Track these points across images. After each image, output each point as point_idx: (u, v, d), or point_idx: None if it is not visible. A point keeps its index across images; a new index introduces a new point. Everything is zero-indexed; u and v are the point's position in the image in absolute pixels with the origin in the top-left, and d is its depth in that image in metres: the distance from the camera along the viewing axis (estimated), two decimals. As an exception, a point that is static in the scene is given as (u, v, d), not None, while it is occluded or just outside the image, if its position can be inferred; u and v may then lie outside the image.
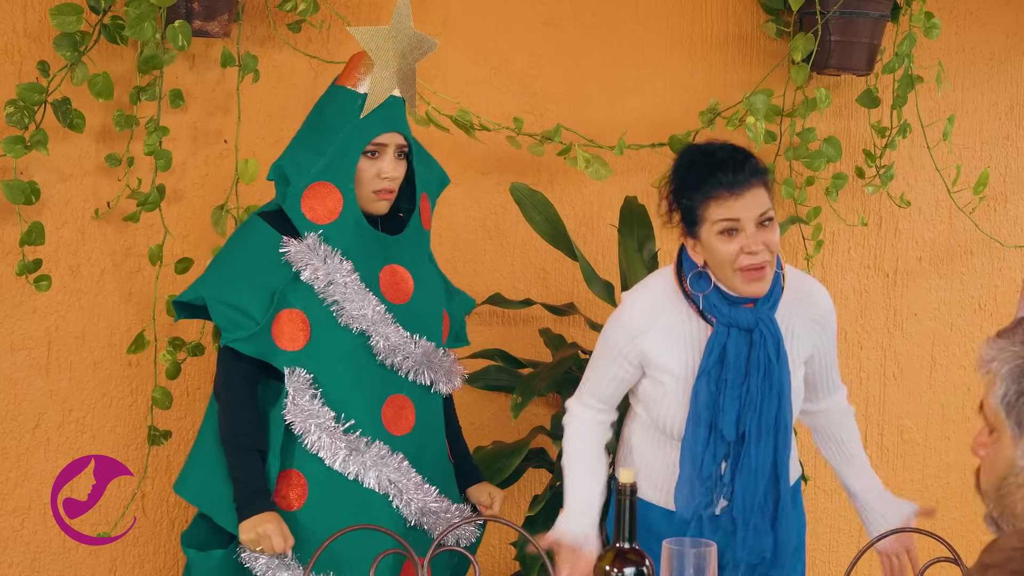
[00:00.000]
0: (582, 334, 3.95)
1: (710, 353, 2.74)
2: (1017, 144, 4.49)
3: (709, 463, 2.77)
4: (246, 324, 2.90)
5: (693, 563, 2.21)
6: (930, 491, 4.48)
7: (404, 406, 2.98)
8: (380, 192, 2.96)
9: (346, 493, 2.91)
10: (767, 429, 2.76)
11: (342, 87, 2.98)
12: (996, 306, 4.50)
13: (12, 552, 3.54)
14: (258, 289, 2.91)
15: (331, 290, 2.91)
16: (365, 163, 2.95)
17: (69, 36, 3.31)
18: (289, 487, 2.93)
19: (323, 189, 2.93)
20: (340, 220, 2.94)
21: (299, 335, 2.92)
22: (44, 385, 3.54)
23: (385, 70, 2.96)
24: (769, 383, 2.75)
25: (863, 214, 4.30)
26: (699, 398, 2.75)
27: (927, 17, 4.01)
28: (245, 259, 2.95)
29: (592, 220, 4.04)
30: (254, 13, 3.61)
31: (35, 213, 3.45)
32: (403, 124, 2.99)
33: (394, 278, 2.99)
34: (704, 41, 4.12)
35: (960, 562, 2.62)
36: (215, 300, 2.93)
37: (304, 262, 2.91)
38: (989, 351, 1.72)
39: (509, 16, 3.91)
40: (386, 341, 2.93)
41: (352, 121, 2.94)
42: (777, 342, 2.75)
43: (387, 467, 2.92)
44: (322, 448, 2.90)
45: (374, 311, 2.92)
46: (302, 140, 3.01)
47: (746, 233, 2.68)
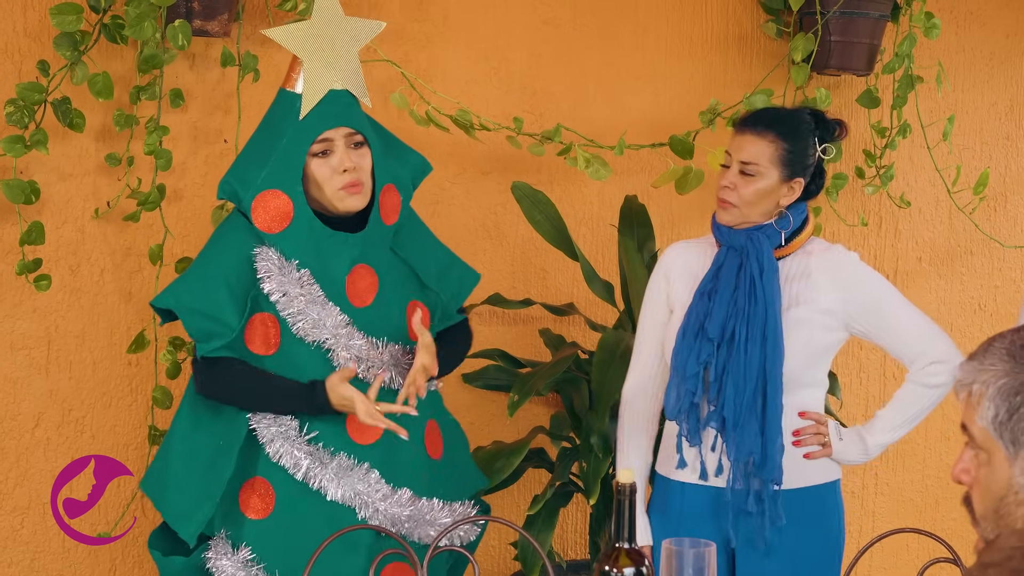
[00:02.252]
0: (582, 334, 3.96)
1: (708, 272, 2.98)
2: (1017, 144, 4.49)
3: (693, 364, 2.93)
4: (222, 332, 2.83)
5: (692, 563, 2.21)
6: (929, 491, 4.49)
7: None
8: (346, 187, 2.85)
9: (313, 504, 2.86)
10: (755, 337, 2.91)
11: (283, 89, 2.89)
12: (996, 306, 4.50)
13: (12, 551, 3.54)
14: (235, 293, 2.84)
15: (286, 302, 2.83)
16: (317, 164, 2.85)
17: (69, 35, 3.31)
18: (255, 495, 2.88)
19: (271, 197, 2.84)
20: (292, 226, 2.84)
21: (270, 340, 2.87)
22: (44, 385, 3.54)
23: (318, 66, 2.85)
24: (754, 295, 2.93)
25: (863, 214, 4.30)
26: (693, 310, 2.96)
27: (927, 17, 4.02)
28: (223, 261, 2.87)
29: (592, 220, 4.04)
30: (254, 12, 3.61)
31: (35, 212, 3.46)
32: (347, 116, 2.87)
33: (361, 279, 2.90)
34: (704, 41, 4.12)
35: (959, 562, 2.62)
36: (187, 310, 2.85)
37: (266, 273, 2.83)
38: (964, 375, 1.70)
39: (509, 16, 3.91)
40: (348, 352, 2.85)
41: (292, 123, 2.85)
42: (761, 260, 2.95)
43: (350, 479, 2.86)
44: (284, 457, 2.85)
45: (335, 321, 2.84)
46: (247, 151, 2.92)
47: (731, 171, 2.94)
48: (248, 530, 2.88)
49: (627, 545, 2.19)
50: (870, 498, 4.43)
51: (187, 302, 2.87)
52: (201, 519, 2.86)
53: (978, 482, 1.69)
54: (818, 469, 2.99)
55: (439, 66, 3.82)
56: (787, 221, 2.97)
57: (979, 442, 1.68)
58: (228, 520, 2.89)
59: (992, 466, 1.67)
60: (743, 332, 2.92)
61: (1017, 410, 1.64)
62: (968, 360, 1.70)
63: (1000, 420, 1.65)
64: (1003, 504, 1.66)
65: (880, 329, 2.98)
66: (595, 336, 3.90)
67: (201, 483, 2.88)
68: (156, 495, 2.96)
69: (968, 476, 1.70)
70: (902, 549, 4.39)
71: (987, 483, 1.68)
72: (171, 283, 2.95)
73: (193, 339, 2.88)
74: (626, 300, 3.70)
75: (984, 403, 1.66)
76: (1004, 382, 1.65)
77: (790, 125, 2.95)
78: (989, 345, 1.69)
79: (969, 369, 1.69)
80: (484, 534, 3.88)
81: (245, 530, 2.88)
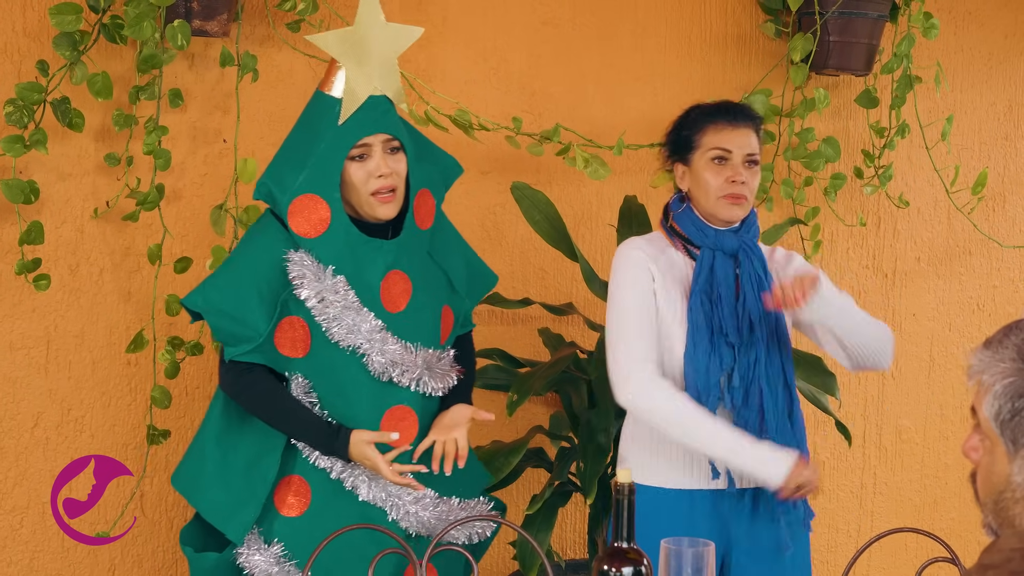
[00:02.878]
0: (581, 334, 3.96)
1: (699, 275, 2.91)
2: (1015, 144, 4.50)
3: (716, 370, 2.87)
4: (249, 336, 2.85)
5: (691, 563, 2.21)
6: (928, 491, 4.49)
7: (405, 417, 2.93)
8: (379, 194, 2.86)
9: (347, 503, 2.90)
10: (772, 338, 2.92)
11: (321, 93, 2.89)
12: (994, 306, 4.51)
13: (11, 551, 3.54)
14: (264, 297, 2.86)
15: (321, 308, 2.84)
16: (354, 168, 2.85)
17: (68, 35, 3.31)
18: (292, 493, 2.92)
19: (308, 202, 2.84)
20: (329, 232, 2.85)
21: (299, 343, 2.88)
22: (43, 384, 3.54)
23: (358, 71, 2.86)
24: (763, 297, 2.90)
25: (862, 214, 4.30)
26: (695, 313, 2.89)
27: (926, 17, 4.02)
28: (254, 263, 2.89)
29: (591, 220, 4.05)
30: (253, 12, 3.61)
31: (34, 212, 3.46)
32: (385, 122, 2.88)
33: (395, 285, 2.91)
34: (703, 41, 4.12)
35: (958, 562, 2.62)
36: (215, 312, 2.86)
37: (299, 278, 2.84)
38: (977, 362, 1.71)
39: (508, 16, 3.91)
40: (382, 357, 2.86)
41: (331, 128, 2.85)
42: (763, 262, 2.95)
43: (381, 480, 2.90)
44: (320, 459, 2.90)
45: (370, 326, 2.85)
46: (285, 153, 2.92)
47: (733, 165, 2.92)
48: (282, 526, 2.92)
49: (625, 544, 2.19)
50: (868, 498, 4.43)
51: (216, 304, 2.88)
52: (247, 519, 2.90)
53: (981, 467, 1.71)
54: None
55: (438, 66, 3.82)
56: (754, 214, 3.01)
57: (984, 430, 1.70)
58: (262, 516, 2.93)
59: (994, 456, 1.69)
60: (761, 334, 2.91)
61: (1020, 412, 1.65)
62: (984, 347, 1.71)
63: (1003, 418, 1.66)
64: (1001, 498, 1.67)
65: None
66: (594, 336, 3.90)
67: (244, 483, 2.91)
68: (191, 493, 2.98)
69: (976, 454, 1.73)
70: (900, 549, 4.39)
71: (988, 472, 1.70)
72: (202, 282, 2.95)
73: (220, 342, 2.89)
74: (625, 300, 3.70)
75: (989, 397, 1.67)
76: (1011, 381, 1.66)
77: (759, 117, 3.03)
78: (1005, 336, 1.70)
79: (982, 357, 1.70)
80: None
81: (278, 526, 2.92)
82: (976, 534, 4.42)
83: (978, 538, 4.39)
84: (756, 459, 2.82)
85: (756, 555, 2.95)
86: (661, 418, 2.87)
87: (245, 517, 2.90)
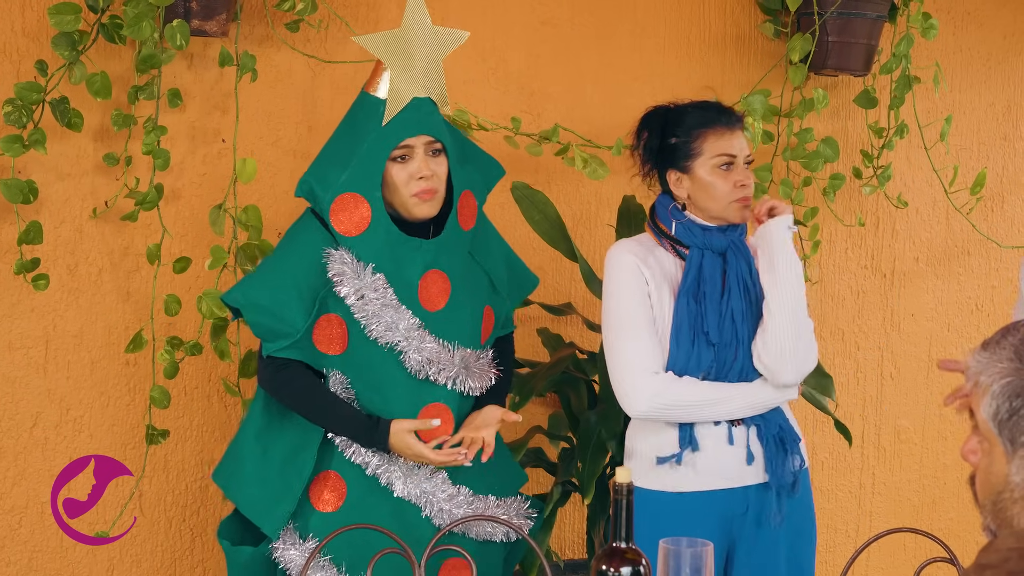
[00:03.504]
0: (580, 334, 3.96)
1: (687, 275, 2.94)
2: (1014, 145, 4.50)
3: (694, 371, 2.93)
4: (287, 332, 2.88)
5: (690, 563, 2.21)
6: (927, 491, 4.49)
7: (441, 415, 2.96)
8: (420, 194, 2.89)
9: (382, 499, 2.93)
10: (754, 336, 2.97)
11: (366, 93, 2.93)
12: (993, 307, 4.50)
13: (10, 551, 3.54)
14: (303, 294, 2.89)
15: (360, 305, 2.88)
16: (396, 169, 2.90)
17: (67, 35, 3.31)
18: (327, 489, 2.95)
19: (350, 200, 2.89)
20: (370, 231, 2.89)
21: (336, 341, 2.92)
22: (42, 384, 3.54)
23: (403, 73, 2.90)
24: (749, 299, 2.96)
25: (860, 215, 4.30)
26: (680, 313, 2.93)
27: (925, 18, 4.02)
28: (291, 259, 2.93)
29: (589, 220, 4.05)
30: (252, 12, 3.61)
31: (33, 212, 3.46)
32: (428, 124, 2.92)
33: (434, 284, 2.94)
34: (702, 41, 4.12)
35: (956, 562, 2.62)
36: (254, 308, 2.90)
37: (338, 276, 2.88)
38: (975, 363, 1.71)
39: (507, 16, 3.91)
40: (419, 355, 2.90)
41: (375, 128, 2.89)
42: (749, 262, 2.98)
43: (417, 477, 2.93)
44: (357, 455, 2.92)
45: (408, 324, 2.89)
46: (329, 152, 2.96)
47: (738, 168, 2.96)
48: (317, 521, 2.94)
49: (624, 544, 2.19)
50: (867, 498, 4.43)
51: (255, 300, 2.92)
52: (283, 514, 2.94)
53: (980, 468, 1.72)
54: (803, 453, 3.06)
55: (437, 66, 3.82)
56: None
57: (982, 431, 1.70)
58: (297, 511, 2.96)
59: (992, 457, 1.69)
60: (744, 333, 2.94)
61: (1017, 411, 1.65)
62: (981, 348, 1.72)
63: (1001, 418, 1.66)
64: (1000, 499, 1.68)
65: None
66: (593, 336, 3.90)
67: (280, 479, 2.95)
68: (229, 488, 3.02)
69: (975, 456, 1.73)
70: (899, 549, 4.39)
71: (987, 473, 1.70)
72: (241, 280, 3.00)
73: (258, 337, 2.93)
74: (624, 300, 3.70)
75: (987, 397, 1.68)
76: (1008, 381, 1.67)
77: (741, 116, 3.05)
78: (1003, 337, 1.71)
79: (980, 359, 1.71)
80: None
81: (313, 521, 2.95)
82: (975, 534, 4.42)
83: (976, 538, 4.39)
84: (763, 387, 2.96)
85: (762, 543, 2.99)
86: (679, 415, 2.94)
87: (281, 512, 2.94)
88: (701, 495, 2.96)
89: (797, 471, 2.99)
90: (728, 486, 2.96)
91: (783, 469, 2.95)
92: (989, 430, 1.69)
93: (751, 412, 2.97)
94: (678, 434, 2.95)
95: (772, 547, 2.99)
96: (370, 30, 3.72)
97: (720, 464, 2.95)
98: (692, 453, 2.94)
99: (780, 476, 2.95)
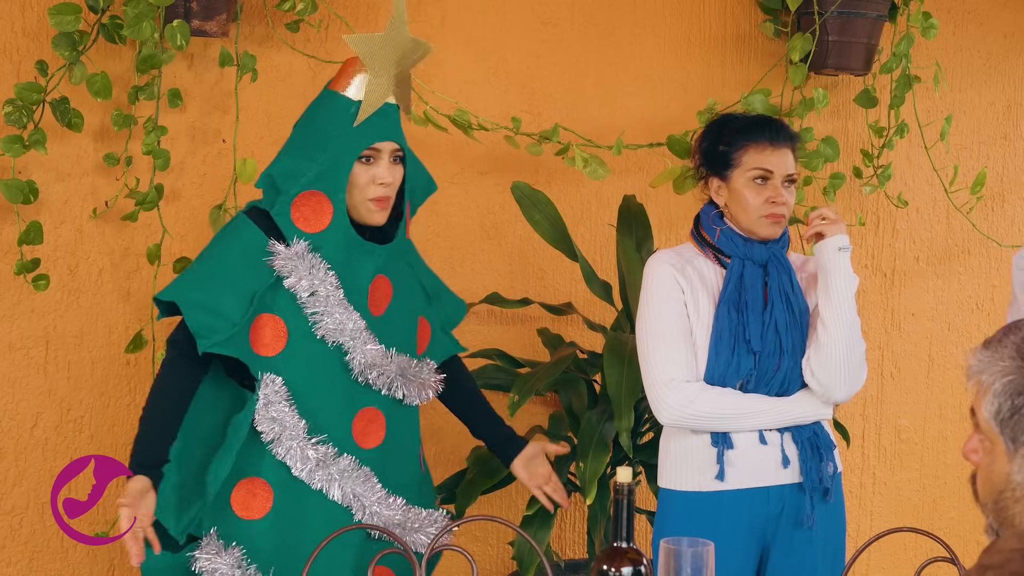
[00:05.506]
0: (580, 334, 3.96)
1: (727, 284, 2.97)
2: (1014, 144, 4.50)
3: (732, 377, 2.95)
4: (222, 327, 2.83)
5: (690, 563, 2.21)
6: (927, 491, 4.49)
7: (374, 419, 2.94)
8: (376, 200, 2.89)
9: (310, 504, 2.87)
10: (800, 349, 2.99)
11: (335, 92, 2.90)
12: (993, 306, 4.50)
13: (10, 551, 3.54)
14: (238, 290, 2.85)
15: (312, 301, 2.86)
16: (359, 169, 2.88)
17: (67, 35, 3.31)
18: (252, 495, 2.88)
19: (313, 198, 2.88)
20: (329, 230, 2.88)
21: (276, 341, 2.87)
22: (42, 384, 3.54)
23: (380, 77, 2.90)
24: (791, 311, 2.99)
25: (861, 214, 4.30)
26: (721, 321, 2.95)
27: (925, 17, 4.02)
28: (228, 259, 2.89)
29: (590, 220, 4.04)
30: (252, 13, 3.61)
31: (33, 212, 3.46)
32: (397, 132, 2.93)
33: (379, 289, 2.95)
34: (702, 41, 4.12)
35: (957, 562, 2.62)
36: (189, 304, 2.84)
37: (289, 269, 2.85)
38: (976, 362, 1.71)
39: (507, 16, 3.91)
40: (363, 358, 2.89)
41: (346, 129, 2.88)
42: (790, 273, 3.01)
43: (352, 480, 2.88)
44: (291, 457, 2.85)
45: (355, 325, 2.88)
46: (293, 146, 2.94)
47: (774, 185, 2.97)
48: (241, 529, 2.87)
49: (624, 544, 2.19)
50: (868, 497, 4.43)
51: (188, 296, 2.87)
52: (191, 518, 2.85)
53: (981, 467, 1.72)
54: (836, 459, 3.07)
55: (437, 66, 3.82)
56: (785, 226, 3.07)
57: (984, 430, 1.70)
58: (219, 519, 2.88)
59: (994, 456, 1.69)
60: (787, 344, 2.97)
61: (1019, 410, 1.65)
62: (983, 347, 1.72)
63: (1003, 417, 1.66)
64: (1001, 498, 1.68)
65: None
66: (593, 335, 3.90)
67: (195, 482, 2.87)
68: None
69: (976, 456, 1.73)
70: (900, 548, 4.39)
71: (988, 472, 1.70)
72: (175, 278, 2.94)
73: (194, 333, 2.85)
74: (624, 300, 3.70)
75: (989, 395, 1.68)
76: (1010, 379, 1.67)
77: (797, 135, 3.07)
78: (1004, 336, 1.71)
79: (981, 358, 1.71)
80: (483, 534, 3.90)
81: (238, 529, 2.87)
82: (976, 534, 4.43)
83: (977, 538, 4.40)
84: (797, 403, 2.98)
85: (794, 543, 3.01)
86: (707, 425, 2.96)
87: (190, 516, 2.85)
88: (734, 494, 2.97)
89: (832, 476, 3.00)
90: (761, 485, 2.97)
91: (817, 471, 2.97)
92: (990, 429, 1.69)
93: (780, 426, 2.98)
94: (711, 435, 2.97)
95: (808, 550, 2.99)
96: (370, 30, 3.72)
97: (753, 464, 2.96)
98: (726, 452, 2.96)
99: (813, 477, 2.96)
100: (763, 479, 2.97)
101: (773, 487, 2.98)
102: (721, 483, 2.97)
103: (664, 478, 3.04)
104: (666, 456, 3.05)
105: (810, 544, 2.99)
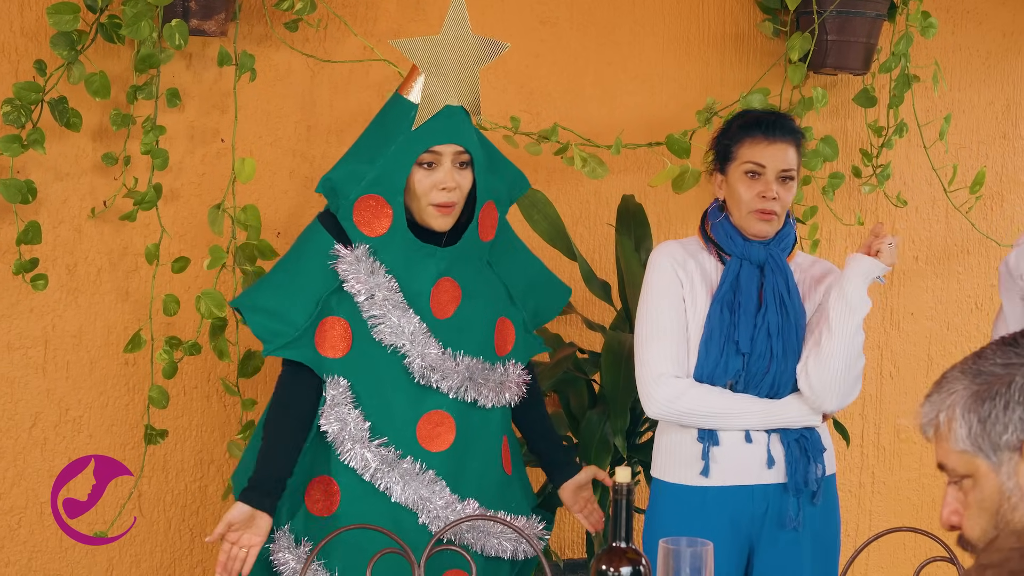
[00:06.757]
0: (580, 334, 3.95)
1: (723, 283, 2.97)
2: (1013, 143, 4.50)
3: (720, 376, 2.96)
4: (284, 331, 2.88)
5: (690, 562, 2.21)
6: (927, 490, 4.49)
7: (442, 422, 2.94)
8: (439, 207, 2.88)
9: (377, 505, 2.90)
10: (790, 350, 2.98)
11: (399, 96, 2.92)
12: (992, 305, 4.50)
13: (9, 551, 3.53)
14: (304, 294, 2.89)
15: (370, 305, 2.88)
16: (421, 174, 2.88)
17: (66, 35, 3.31)
18: (322, 493, 2.94)
19: (372, 202, 2.88)
20: (389, 234, 2.88)
21: (340, 343, 2.91)
22: (41, 384, 3.53)
23: (438, 80, 2.89)
24: (785, 313, 2.98)
25: (860, 213, 4.30)
26: (712, 320, 2.96)
27: (924, 16, 4.02)
28: (296, 263, 2.94)
29: (589, 219, 4.04)
30: (251, 12, 3.61)
31: (32, 212, 3.45)
32: (459, 134, 2.89)
33: (445, 292, 2.94)
34: (701, 40, 4.12)
35: (956, 561, 2.62)
36: (251, 310, 2.91)
37: (349, 273, 2.88)
38: (926, 411, 1.70)
39: (506, 15, 3.91)
40: (422, 360, 2.89)
41: (405, 131, 2.88)
42: (786, 276, 3.00)
43: (416, 483, 2.90)
44: (354, 459, 2.90)
45: (414, 328, 2.88)
46: (357, 150, 2.96)
47: (765, 180, 2.96)
48: (311, 526, 2.94)
49: (623, 544, 2.19)
50: (867, 497, 4.43)
51: (253, 301, 2.93)
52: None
53: (970, 510, 1.68)
54: (828, 462, 3.06)
55: (436, 65, 3.82)
56: (790, 226, 3.06)
57: (960, 471, 1.67)
58: (294, 515, 2.95)
59: (980, 486, 1.66)
60: (778, 347, 2.96)
61: (988, 415, 1.64)
62: (926, 399, 1.71)
63: (975, 433, 1.65)
64: (1000, 515, 1.66)
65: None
66: (592, 335, 3.90)
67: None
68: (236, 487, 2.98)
69: (958, 516, 1.70)
70: (899, 548, 4.39)
71: (979, 505, 1.67)
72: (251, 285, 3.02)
73: (259, 339, 2.93)
74: (623, 299, 3.70)
75: (954, 427, 1.66)
76: (967, 396, 1.66)
77: (799, 131, 3.06)
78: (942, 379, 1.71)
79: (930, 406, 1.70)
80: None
81: (308, 526, 2.94)
82: (974, 533, 4.41)
83: (976, 537, 4.38)
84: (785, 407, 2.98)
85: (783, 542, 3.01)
86: (693, 421, 2.97)
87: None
88: (718, 490, 2.97)
89: (819, 478, 2.99)
90: (745, 483, 2.97)
91: (803, 473, 2.96)
92: (967, 460, 1.66)
93: (766, 428, 2.98)
94: (698, 431, 2.98)
95: (795, 552, 2.99)
96: (369, 29, 3.72)
97: (738, 462, 2.96)
98: (712, 448, 2.97)
99: (799, 479, 2.96)
100: (747, 478, 2.97)
101: (757, 486, 2.98)
102: (705, 479, 2.97)
103: (655, 468, 3.07)
104: (658, 447, 3.08)
105: (797, 545, 2.99)
